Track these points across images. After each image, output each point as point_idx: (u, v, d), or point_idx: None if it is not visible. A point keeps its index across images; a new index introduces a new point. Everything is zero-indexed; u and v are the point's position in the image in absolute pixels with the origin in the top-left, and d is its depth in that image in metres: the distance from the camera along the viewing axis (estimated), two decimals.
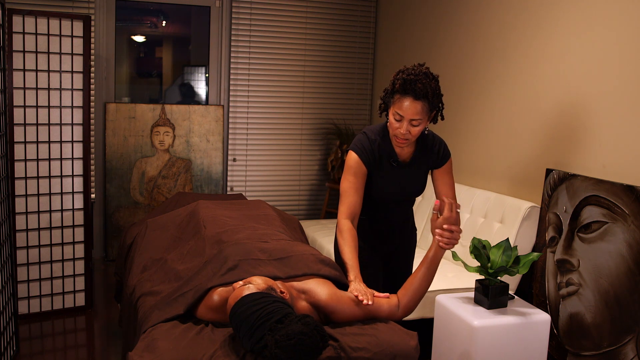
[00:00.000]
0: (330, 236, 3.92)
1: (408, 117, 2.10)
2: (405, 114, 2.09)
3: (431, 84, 2.08)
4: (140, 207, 4.58)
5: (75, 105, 3.37)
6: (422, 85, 2.06)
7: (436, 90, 2.11)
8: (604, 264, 2.52)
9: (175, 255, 2.53)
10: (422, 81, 2.07)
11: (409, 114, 2.09)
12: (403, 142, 2.18)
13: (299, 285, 2.05)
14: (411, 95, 2.07)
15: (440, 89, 2.14)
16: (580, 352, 2.63)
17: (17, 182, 3.23)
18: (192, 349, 1.80)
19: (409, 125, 2.11)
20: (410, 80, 2.07)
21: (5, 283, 2.79)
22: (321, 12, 4.92)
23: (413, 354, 1.92)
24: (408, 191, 2.37)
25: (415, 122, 2.11)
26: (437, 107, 2.17)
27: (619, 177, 2.57)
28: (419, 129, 2.13)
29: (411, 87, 2.07)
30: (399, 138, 2.17)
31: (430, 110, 2.12)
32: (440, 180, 2.35)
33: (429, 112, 2.13)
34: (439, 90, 2.13)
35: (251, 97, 4.82)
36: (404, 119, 2.11)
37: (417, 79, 2.07)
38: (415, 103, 2.08)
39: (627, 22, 2.56)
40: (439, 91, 2.13)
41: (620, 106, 2.60)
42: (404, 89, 2.09)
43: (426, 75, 2.09)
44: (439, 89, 2.13)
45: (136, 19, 4.97)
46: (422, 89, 2.06)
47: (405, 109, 2.09)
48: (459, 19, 3.84)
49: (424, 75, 2.08)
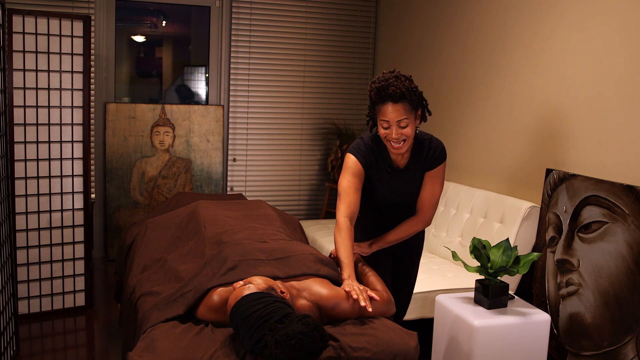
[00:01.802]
0: (330, 236, 3.92)
1: (394, 121, 2.12)
2: (390, 118, 2.12)
3: (404, 84, 2.11)
4: (140, 207, 4.58)
5: (75, 105, 3.37)
6: (395, 87, 2.10)
7: (411, 88, 2.13)
8: (604, 264, 2.52)
9: (175, 255, 2.53)
10: (394, 84, 2.10)
11: (393, 117, 2.12)
12: (399, 146, 2.18)
13: (298, 285, 2.05)
14: (389, 100, 2.11)
15: (416, 87, 2.16)
16: (580, 352, 2.63)
17: (17, 182, 3.23)
18: (192, 349, 1.80)
19: (398, 128, 2.13)
20: (382, 86, 2.12)
21: (5, 283, 2.79)
22: (321, 12, 4.92)
23: (413, 354, 1.92)
24: (404, 196, 2.37)
25: (403, 123, 2.13)
26: (421, 104, 2.19)
27: (619, 177, 2.57)
28: (410, 129, 2.15)
29: (385, 93, 2.11)
30: (394, 143, 2.18)
31: (412, 108, 2.14)
32: (425, 184, 2.33)
33: (412, 111, 2.14)
34: (416, 88, 2.15)
35: (251, 97, 4.82)
36: (391, 123, 2.13)
37: (388, 83, 2.11)
38: (396, 105, 2.11)
39: (628, 22, 2.56)
40: (415, 88, 2.15)
41: (621, 106, 2.60)
42: (380, 97, 2.13)
43: (396, 77, 2.13)
44: (415, 87, 2.15)
45: (136, 19, 4.97)
46: (396, 91, 2.09)
47: (388, 114, 2.12)
48: (459, 19, 3.84)
49: (394, 78, 2.12)
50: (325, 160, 5.08)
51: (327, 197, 4.92)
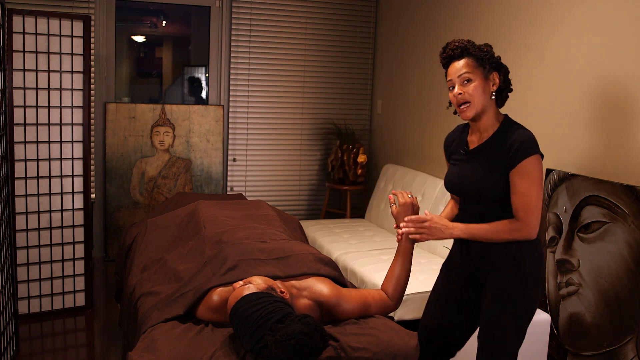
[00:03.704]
0: (330, 236, 3.92)
1: (456, 77, 1.96)
2: (452, 75, 1.97)
3: (466, 42, 1.96)
4: (140, 207, 4.58)
5: (75, 105, 3.37)
6: (456, 46, 1.96)
7: (477, 45, 1.96)
8: (604, 264, 2.52)
9: (175, 255, 2.53)
10: (455, 43, 1.97)
11: (454, 73, 1.96)
12: (464, 107, 1.96)
13: (299, 284, 2.05)
14: (452, 61, 1.98)
15: (485, 47, 1.97)
16: (580, 352, 2.63)
17: (17, 182, 3.22)
18: (192, 349, 1.80)
19: (461, 86, 1.95)
20: (444, 47, 2.02)
21: (5, 283, 2.79)
22: (321, 12, 4.92)
23: (413, 354, 1.92)
24: (468, 185, 2.01)
25: (464, 77, 1.94)
26: (494, 67, 1.97)
27: (619, 177, 2.57)
28: (475, 86, 1.93)
29: (447, 54, 1.99)
30: (458, 103, 1.97)
31: (478, 64, 1.94)
32: (512, 185, 1.91)
33: (477, 66, 1.94)
34: (482, 46, 1.97)
35: (251, 97, 4.82)
36: (454, 81, 1.97)
37: (449, 45, 2.00)
38: (457, 62, 1.96)
39: (628, 21, 2.56)
40: (481, 46, 1.96)
41: (621, 106, 2.60)
42: (444, 60, 2.01)
43: (458, 40, 1.99)
44: (484, 46, 1.97)
45: (136, 19, 4.97)
46: (456, 49, 1.96)
47: (451, 72, 1.99)
48: (459, 19, 3.84)
49: (455, 41, 1.99)
50: (325, 160, 5.08)
51: (327, 197, 4.92)
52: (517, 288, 1.92)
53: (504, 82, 1.99)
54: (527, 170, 1.88)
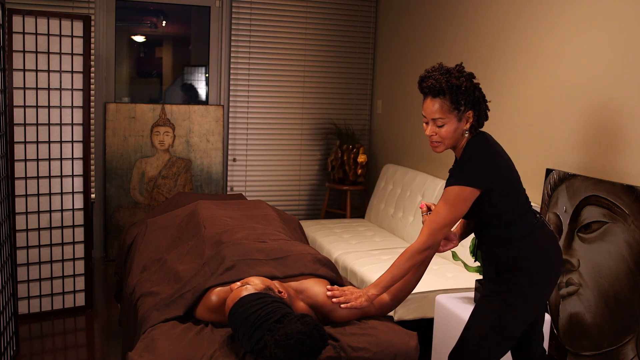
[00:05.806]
0: (330, 236, 3.92)
1: (429, 117, 1.94)
2: (426, 113, 1.95)
3: (445, 78, 1.89)
4: (140, 207, 4.58)
5: (75, 105, 3.37)
6: (435, 81, 1.90)
7: (455, 84, 1.89)
8: (604, 264, 2.52)
9: (175, 255, 2.53)
10: (435, 77, 1.90)
11: (428, 113, 1.94)
12: (436, 144, 1.98)
13: (296, 285, 2.05)
14: (429, 94, 1.93)
15: (469, 85, 1.92)
16: (580, 352, 2.63)
17: (17, 182, 3.22)
18: (192, 349, 1.80)
19: (434, 126, 1.94)
20: (422, 78, 1.95)
21: (5, 283, 2.79)
22: (321, 12, 4.92)
23: (413, 354, 1.92)
24: None
25: (439, 122, 1.92)
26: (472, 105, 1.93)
27: (619, 177, 2.57)
28: (447, 130, 1.92)
29: (425, 85, 1.93)
30: (430, 140, 1.99)
31: (452, 107, 1.90)
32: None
33: (451, 110, 1.90)
34: (462, 84, 1.89)
35: (251, 97, 4.82)
36: (428, 119, 1.95)
37: (430, 75, 1.93)
38: (433, 101, 1.92)
39: (627, 23, 2.56)
40: (459, 85, 1.89)
41: (621, 106, 2.59)
42: (421, 89, 1.96)
43: (440, 70, 1.93)
44: (462, 83, 1.89)
45: (136, 19, 4.97)
46: (434, 85, 1.90)
47: (425, 108, 1.95)
48: (459, 19, 3.84)
49: (437, 71, 1.93)
50: (325, 160, 5.08)
51: (327, 197, 4.92)
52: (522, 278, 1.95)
53: (477, 120, 1.96)
54: (447, 193, 1.92)
